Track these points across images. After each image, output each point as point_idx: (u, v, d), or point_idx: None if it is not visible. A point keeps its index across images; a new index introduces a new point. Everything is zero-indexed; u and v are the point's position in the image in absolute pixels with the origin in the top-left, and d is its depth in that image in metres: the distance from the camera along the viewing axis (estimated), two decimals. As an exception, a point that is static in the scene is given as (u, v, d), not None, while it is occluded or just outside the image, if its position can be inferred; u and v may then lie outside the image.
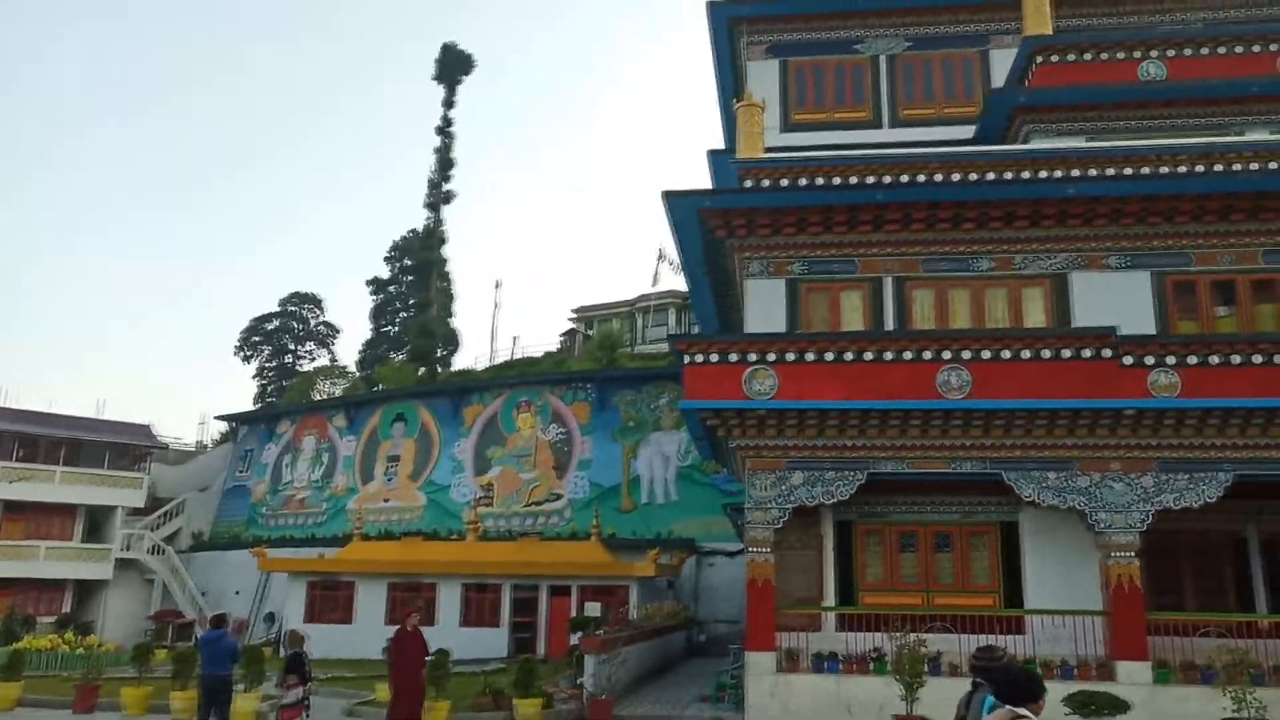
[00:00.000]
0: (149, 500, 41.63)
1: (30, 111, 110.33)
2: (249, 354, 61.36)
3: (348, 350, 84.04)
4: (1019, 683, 5.04)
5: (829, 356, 14.59)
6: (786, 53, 21.53)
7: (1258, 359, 13.87)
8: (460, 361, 52.80)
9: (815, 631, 15.16)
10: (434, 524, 34.87)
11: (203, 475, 45.93)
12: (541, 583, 27.14)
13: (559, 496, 34.01)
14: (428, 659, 13.69)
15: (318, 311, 63.30)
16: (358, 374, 54.95)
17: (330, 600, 28.42)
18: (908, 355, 14.46)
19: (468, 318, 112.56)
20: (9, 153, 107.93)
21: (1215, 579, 15.73)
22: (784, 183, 16.21)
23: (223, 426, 48.92)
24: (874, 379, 14.45)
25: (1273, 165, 15.40)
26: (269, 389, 59.33)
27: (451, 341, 53.57)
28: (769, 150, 17.66)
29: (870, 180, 16.04)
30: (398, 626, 13.80)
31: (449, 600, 27.23)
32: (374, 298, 59.89)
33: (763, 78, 21.24)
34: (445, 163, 54.75)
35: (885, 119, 21.07)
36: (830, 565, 15.67)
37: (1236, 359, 13.90)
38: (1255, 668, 13.18)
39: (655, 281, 48.94)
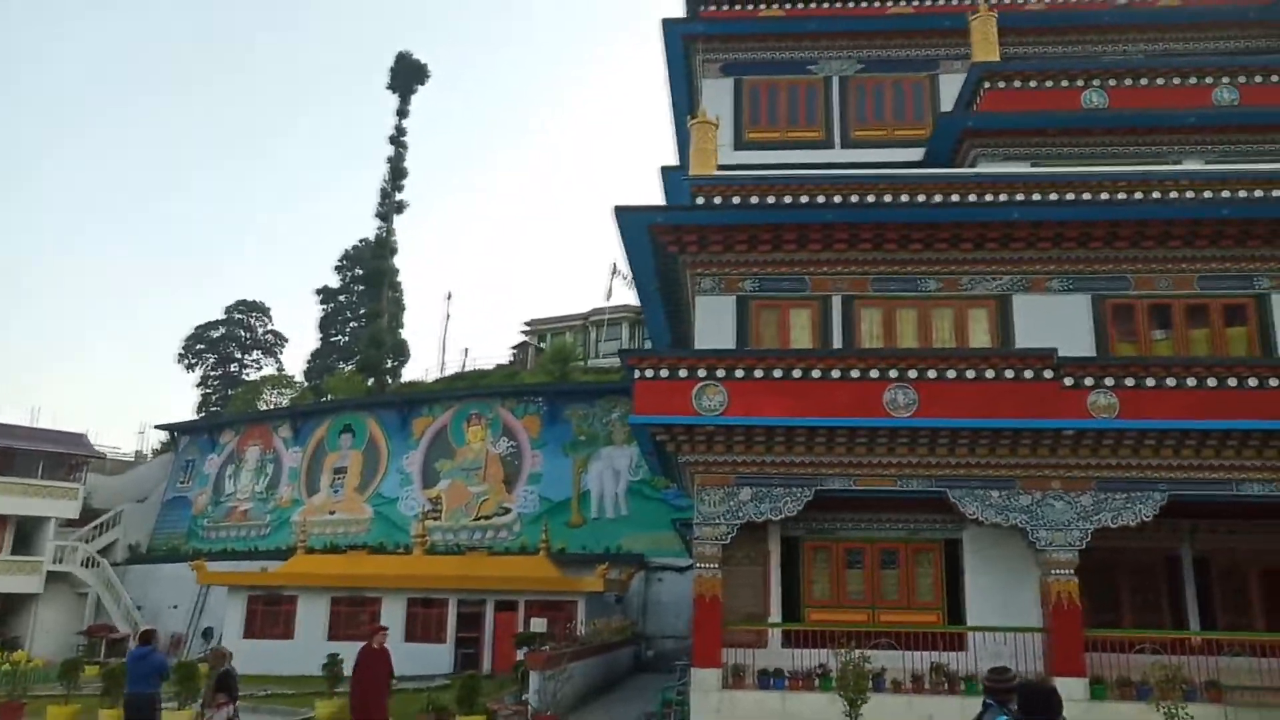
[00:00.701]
0: (84, 511, 40.45)
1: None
2: (192, 362, 60.12)
3: (295, 360, 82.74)
4: (1041, 697, 5.12)
5: (778, 373, 14.67)
6: (741, 71, 21.73)
7: (1192, 382, 14.23)
8: (410, 373, 52.32)
9: (761, 648, 15.18)
10: (381, 537, 34.37)
11: (141, 486, 44.78)
12: (488, 598, 26.88)
13: (508, 510, 33.74)
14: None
15: (265, 320, 62.28)
16: (305, 384, 54.12)
17: (271, 615, 27.84)
18: (856, 373, 14.60)
19: (418, 329, 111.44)
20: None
21: (1150, 596, 16.06)
22: (736, 200, 16.32)
23: (163, 436, 47.85)
24: (822, 396, 14.56)
25: (1207, 194, 15.86)
26: (213, 398, 58.16)
27: (401, 353, 53.00)
28: (722, 168, 17.78)
29: (820, 200, 16.20)
30: (364, 643, 13.53)
31: (393, 615, 26.82)
32: (323, 307, 59.12)
33: (717, 95, 21.40)
34: (398, 172, 54.28)
35: (837, 139, 21.33)
36: (777, 581, 15.72)
37: (1172, 382, 14.25)
38: (1187, 684, 13.48)
39: (609, 295, 48.95)
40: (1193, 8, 21.61)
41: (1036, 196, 16.05)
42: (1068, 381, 14.34)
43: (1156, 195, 15.95)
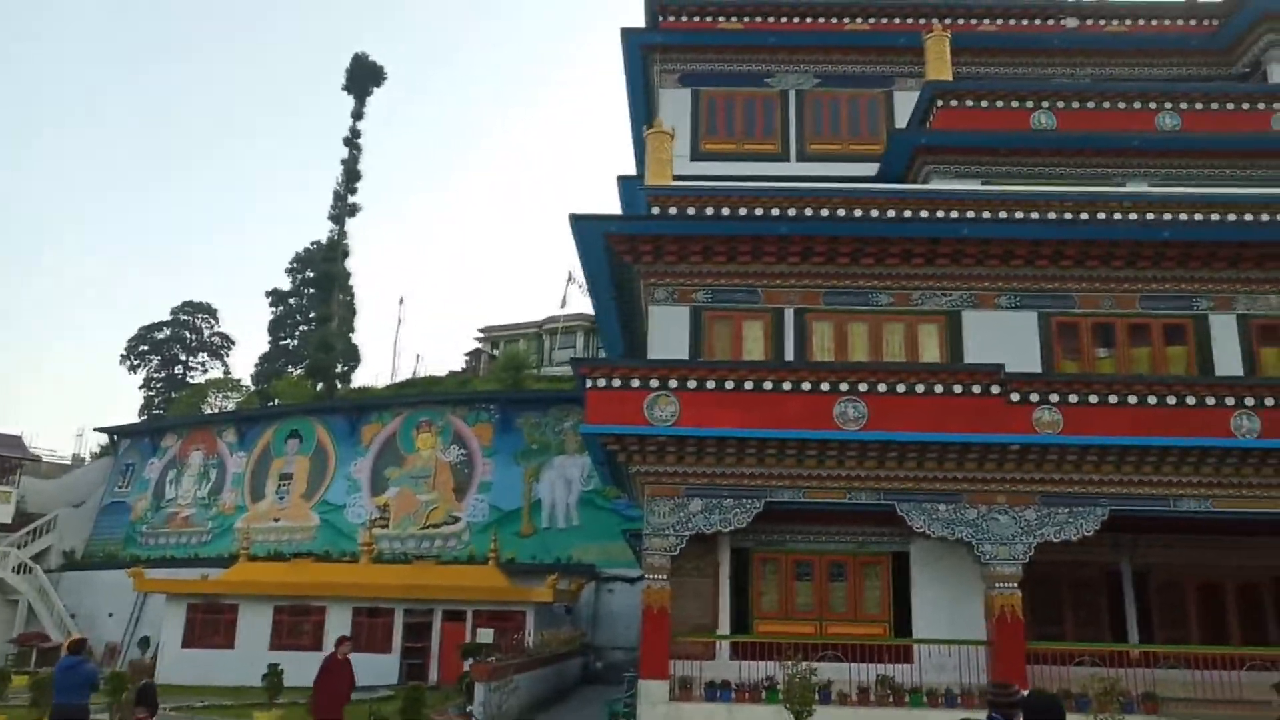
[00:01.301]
0: (17, 515, 39.19)
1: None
2: (136, 364, 58.73)
3: (243, 363, 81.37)
4: (1046, 710, 5.16)
5: (730, 385, 14.69)
6: (698, 82, 21.83)
7: (1133, 399, 14.52)
8: (360, 378, 51.61)
9: (710, 660, 15.14)
10: (327, 545, 33.77)
11: (78, 490, 43.50)
12: (436, 607, 26.53)
13: (457, 519, 33.36)
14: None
15: (212, 321, 61.11)
16: (252, 388, 53.11)
17: (211, 624, 27.20)
18: (807, 386, 14.66)
19: (370, 334, 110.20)
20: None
21: (1092, 609, 16.33)
22: (691, 211, 16.35)
23: (103, 439, 46.56)
24: (774, 408, 14.60)
25: (1149, 216, 16.24)
26: (156, 401, 56.82)
27: (352, 357, 52.31)
28: (678, 178, 17.82)
29: (775, 213, 16.30)
30: (328, 654, 13.25)
31: (338, 625, 26.31)
32: (273, 310, 58.16)
33: (674, 106, 21.47)
34: (352, 174, 53.66)
35: (793, 152, 21.51)
36: (726, 593, 15.71)
37: (1114, 399, 14.52)
38: (1125, 696, 13.70)
39: (564, 304, 48.85)
40: (1138, 34, 22.20)
41: (986, 214, 16.30)
42: (1014, 397, 14.55)
43: (1101, 216, 16.29)
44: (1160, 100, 18.94)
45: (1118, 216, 16.31)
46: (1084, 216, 16.31)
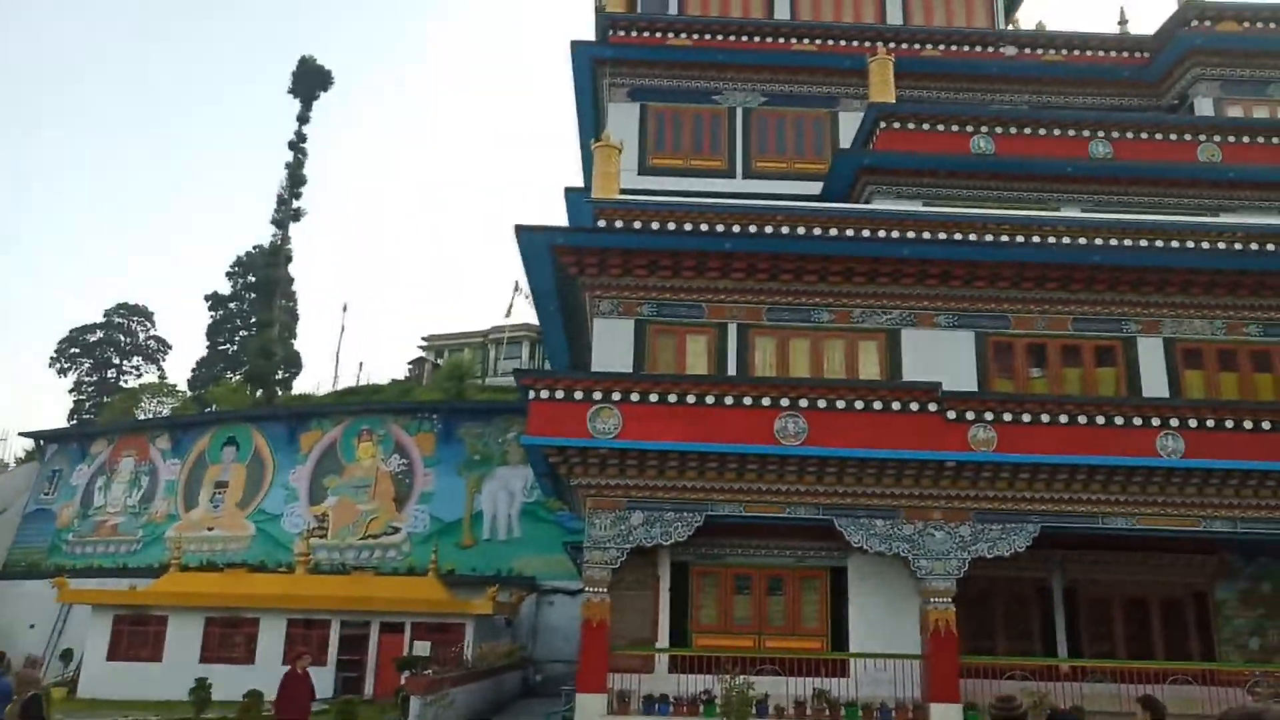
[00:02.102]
0: (-66, 523, 37.70)
1: None
2: (66, 367, 57.03)
3: (179, 368, 79.50)
4: None
5: (673, 399, 14.75)
6: (647, 97, 21.97)
7: (1064, 419, 14.89)
8: (301, 386, 50.71)
9: (648, 673, 15.13)
10: (262, 555, 33.05)
11: (0, 497, 42.01)
12: (373, 619, 26.11)
13: (397, 530, 32.92)
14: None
15: (147, 325, 59.63)
16: (188, 393, 51.88)
17: (139, 636, 26.41)
18: (748, 401, 14.78)
19: (312, 341, 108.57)
20: None
21: (1023, 624, 16.68)
22: (637, 225, 16.41)
23: (28, 444, 45.04)
24: (715, 423, 14.69)
25: (1082, 241, 16.70)
26: (86, 405, 55.21)
27: (293, 364, 51.40)
28: (625, 192, 17.88)
29: (720, 229, 16.44)
30: (288, 668, 12.97)
31: (272, 637, 25.78)
32: (212, 314, 56.89)
33: (622, 120, 21.57)
34: (296, 179, 52.85)
35: (739, 169, 21.74)
36: (665, 607, 15.71)
37: (1046, 418, 14.87)
38: (1054, 710, 13.96)
39: (509, 313, 48.56)
40: (1073, 64, 22.87)
41: (926, 235, 16.62)
42: (950, 415, 14.82)
43: (1036, 239, 16.71)
44: (1093, 129, 19.52)
45: (1051, 240, 16.74)
46: (1019, 239, 16.72)
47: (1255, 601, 16.69)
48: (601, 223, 16.47)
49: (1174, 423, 14.89)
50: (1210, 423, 14.86)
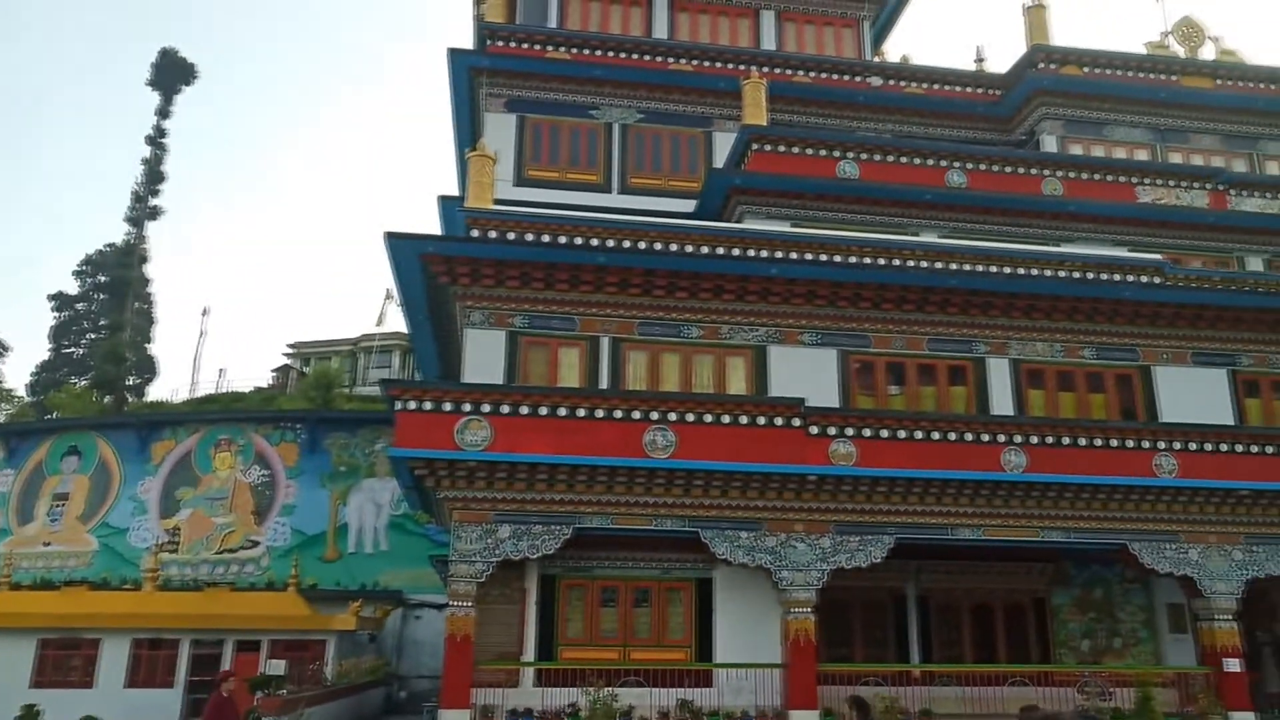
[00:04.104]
0: None
1: None
2: (-115, 368, 52.42)
3: (18, 372, 74.25)
4: None
5: (544, 410, 14.71)
6: (524, 109, 21.93)
7: (919, 435, 15.59)
8: (156, 392, 48.15)
9: (513, 687, 15.04)
10: (105, 571, 31.11)
11: None
12: (228, 637, 24.86)
13: (256, 543, 31.58)
14: None
15: (-18, 325, 55.45)
16: (27, 399, 48.51)
17: (-41, 660, 24.39)
18: (619, 414, 14.89)
19: (169, 346, 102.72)
20: None
21: (880, 632, 17.36)
22: (511, 236, 16.35)
23: None
24: (586, 435, 14.73)
25: (938, 265, 17.57)
26: (-92, 410, 50.87)
27: (147, 369, 48.76)
28: (500, 202, 17.81)
29: (594, 243, 16.55)
30: (213, 692, 12.20)
31: (114, 658, 24.20)
32: (56, 315, 53.34)
33: (499, 130, 21.47)
34: (154, 175, 50.31)
35: (615, 184, 21.93)
36: (533, 620, 15.66)
37: (903, 434, 15.54)
38: (905, 713, 14.61)
39: (381, 322, 47.51)
40: (933, 97, 24.07)
41: (793, 255, 17.16)
42: (813, 430, 15.31)
43: (896, 263, 17.49)
44: (950, 159, 20.55)
45: (910, 264, 17.55)
46: (881, 262, 17.47)
47: (1087, 606, 17.87)
48: (475, 232, 16.34)
49: (1018, 439, 15.79)
50: (1050, 439, 15.84)
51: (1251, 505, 16.33)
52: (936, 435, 15.63)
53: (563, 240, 16.50)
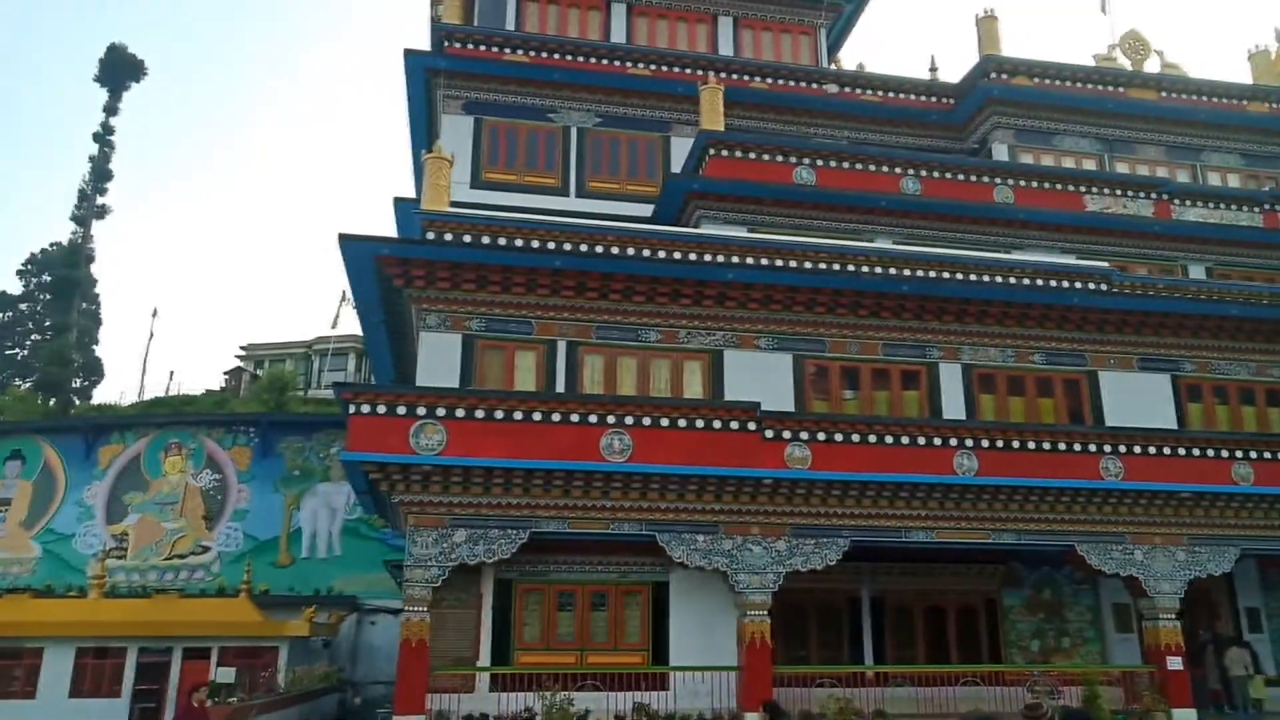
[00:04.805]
0: None
1: None
2: None
3: (-41, 373, 72.06)
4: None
5: (500, 415, 14.65)
6: (482, 111, 21.84)
7: (873, 438, 15.77)
8: (104, 395, 47.10)
9: (469, 692, 14.96)
10: (49, 578, 30.38)
11: None
12: (176, 645, 24.39)
13: (207, 549, 31.03)
14: None
15: (-80, 326, 53.81)
16: (-33, 402, 47.16)
17: (-108, 673, 23.65)
18: (575, 418, 14.87)
19: (117, 348, 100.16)
20: None
21: (834, 633, 17.53)
22: (467, 239, 16.27)
23: None
24: (542, 439, 14.69)
25: (892, 271, 17.80)
26: None
27: (94, 372, 47.65)
28: (457, 205, 17.71)
29: (551, 246, 16.52)
30: (183, 704, 11.86)
31: (58, 668, 23.61)
32: (-2, 315, 52.00)
33: (456, 132, 21.35)
34: (102, 173, 49.21)
35: (573, 188, 21.92)
36: (488, 624, 15.58)
37: (856, 437, 15.71)
38: (858, 714, 14.75)
39: (335, 324, 46.81)
40: (888, 104, 24.39)
41: (750, 260, 17.28)
42: (768, 434, 15.41)
43: (851, 268, 17.68)
44: (905, 167, 20.84)
45: (865, 269, 17.76)
46: (836, 267, 17.65)
47: (1037, 607, 18.20)
48: (430, 235, 16.23)
49: (969, 443, 16.04)
50: (1000, 443, 16.12)
51: (1194, 507, 16.76)
52: (890, 439, 15.82)
53: (520, 243, 16.46)
